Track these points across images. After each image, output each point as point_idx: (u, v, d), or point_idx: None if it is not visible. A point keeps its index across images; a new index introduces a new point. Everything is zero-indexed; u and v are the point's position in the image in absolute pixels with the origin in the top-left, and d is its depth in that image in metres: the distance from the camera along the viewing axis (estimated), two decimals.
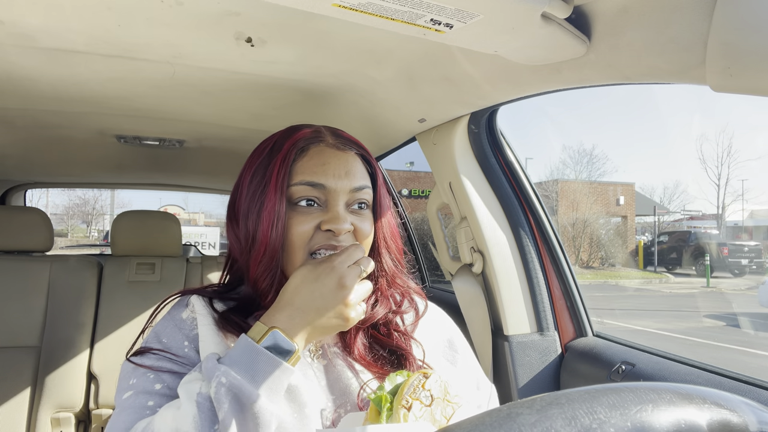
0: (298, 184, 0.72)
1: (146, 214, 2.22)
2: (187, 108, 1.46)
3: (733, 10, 0.56)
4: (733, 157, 31.37)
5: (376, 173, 0.80)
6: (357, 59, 1.10)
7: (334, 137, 0.77)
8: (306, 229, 0.71)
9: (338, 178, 0.73)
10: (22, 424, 1.75)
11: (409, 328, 0.82)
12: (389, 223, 0.82)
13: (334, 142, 0.76)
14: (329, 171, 0.73)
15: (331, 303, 0.66)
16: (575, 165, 30.18)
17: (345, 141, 0.78)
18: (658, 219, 23.00)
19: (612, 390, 0.35)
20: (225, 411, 0.57)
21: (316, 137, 0.76)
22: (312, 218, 0.72)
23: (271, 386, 0.61)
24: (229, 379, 0.59)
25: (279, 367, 0.61)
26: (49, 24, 0.91)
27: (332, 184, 0.73)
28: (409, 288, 0.85)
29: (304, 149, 0.75)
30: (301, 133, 0.76)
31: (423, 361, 0.78)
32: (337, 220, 0.71)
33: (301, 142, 0.75)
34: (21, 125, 1.62)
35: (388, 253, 0.81)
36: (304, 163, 0.73)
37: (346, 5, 0.67)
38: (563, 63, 0.84)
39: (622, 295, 13.36)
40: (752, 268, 16.11)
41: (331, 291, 0.65)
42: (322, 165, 0.73)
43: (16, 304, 1.86)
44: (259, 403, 0.59)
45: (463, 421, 0.34)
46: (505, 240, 1.40)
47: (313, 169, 0.73)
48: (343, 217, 0.72)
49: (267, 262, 0.71)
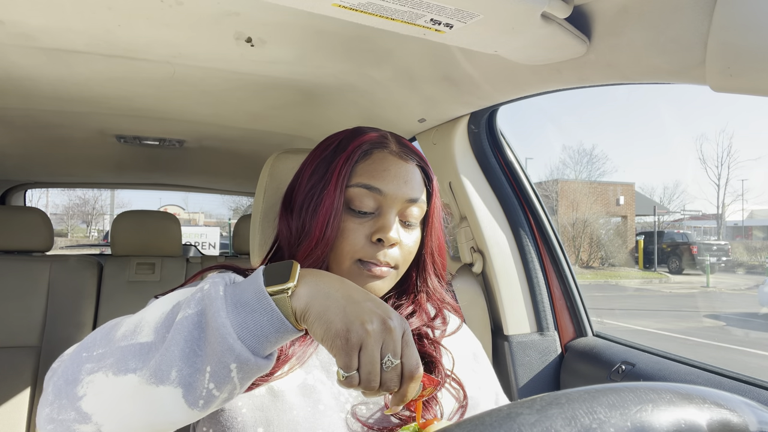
0: (357, 186, 0.72)
1: (146, 214, 2.22)
2: (187, 108, 1.46)
3: (733, 10, 0.56)
4: (733, 157, 31.48)
5: (432, 186, 0.80)
6: (357, 59, 1.10)
7: (398, 145, 0.77)
8: (356, 236, 0.71)
9: (397, 187, 0.73)
10: (22, 424, 1.75)
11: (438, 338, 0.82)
12: (438, 238, 0.81)
13: (397, 150, 0.76)
14: (389, 178, 0.73)
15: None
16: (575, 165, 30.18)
17: (408, 151, 0.77)
18: (658, 219, 23.07)
19: (612, 390, 0.35)
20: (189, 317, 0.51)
21: (380, 143, 0.76)
22: (362, 227, 0.72)
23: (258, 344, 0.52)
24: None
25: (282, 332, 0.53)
26: (49, 24, 0.91)
27: (390, 191, 0.73)
28: (446, 303, 0.84)
29: (368, 153, 0.75)
30: (368, 136, 0.76)
31: (452, 371, 0.78)
32: (387, 228, 0.71)
33: (366, 145, 0.75)
34: (21, 125, 1.62)
35: (433, 268, 0.81)
36: (366, 165, 0.74)
37: (346, 5, 0.67)
38: (563, 63, 0.84)
39: (622, 294, 13.36)
40: (720, 266, 17.45)
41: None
42: (383, 171, 0.73)
43: (16, 304, 1.86)
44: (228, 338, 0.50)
45: (464, 421, 0.34)
46: (505, 240, 1.40)
47: (374, 174, 0.73)
48: (393, 226, 0.72)
49: (316, 256, 0.71)
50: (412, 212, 0.75)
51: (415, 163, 0.77)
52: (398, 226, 0.74)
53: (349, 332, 0.51)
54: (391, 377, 0.52)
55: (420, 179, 0.77)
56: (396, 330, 0.52)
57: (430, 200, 0.79)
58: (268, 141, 1.81)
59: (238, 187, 3.21)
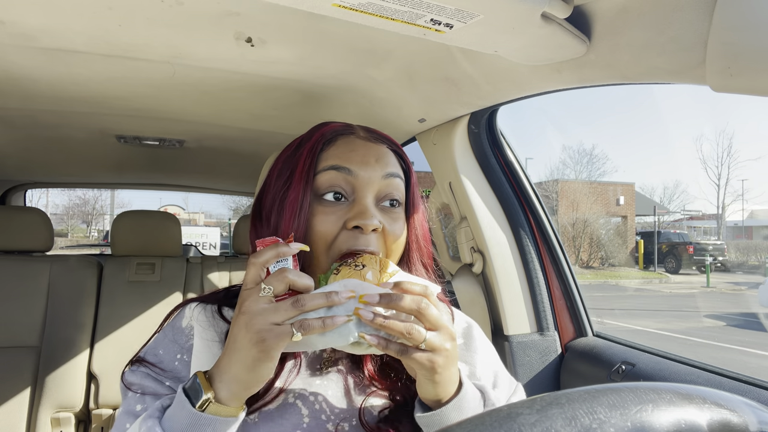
0: (324, 170, 0.67)
1: (146, 214, 2.22)
2: (187, 108, 1.46)
3: (733, 10, 0.56)
4: (733, 158, 31.49)
5: (410, 170, 0.75)
6: (357, 59, 1.10)
7: (365, 131, 0.73)
8: (329, 227, 0.66)
9: (367, 164, 0.67)
10: (22, 424, 1.75)
11: None
12: (421, 224, 0.75)
13: (365, 134, 0.72)
14: (357, 157, 0.68)
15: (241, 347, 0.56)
16: (575, 165, 30.19)
17: (377, 135, 0.73)
18: (658, 219, 23.12)
19: (612, 390, 0.35)
20: None
21: (346, 129, 0.72)
22: (337, 215, 0.66)
23: None
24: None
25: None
26: (49, 24, 0.91)
27: (361, 170, 0.67)
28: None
29: (332, 140, 0.70)
30: (331, 125, 0.73)
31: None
32: (364, 214, 0.65)
33: (329, 133, 0.71)
34: (21, 125, 1.62)
35: (419, 257, 0.74)
36: (332, 150, 0.69)
37: (346, 5, 0.67)
38: (563, 63, 0.84)
39: (622, 295, 13.37)
40: (716, 265, 17.69)
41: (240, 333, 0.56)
42: (350, 152, 0.68)
43: (16, 304, 1.86)
44: None
45: (464, 421, 0.34)
46: (505, 240, 1.40)
47: (341, 155, 0.68)
48: (371, 211, 0.66)
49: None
50: (393, 187, 0.70)
51: (387, 146, 0.73)
52: (379, 212, 0.68)
53: (258, 334, 0.54)
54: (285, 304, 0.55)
55: (394, 159, 0.72)
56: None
57: (409, 186, 0.74)
58: (268, 141, 1.81)
59: (238, 187, 3.21)
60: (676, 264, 18.12)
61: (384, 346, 0.57)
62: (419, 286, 0.59)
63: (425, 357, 0.57)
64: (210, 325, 0.71)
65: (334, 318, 0.55)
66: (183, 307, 0.76)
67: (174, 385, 0.67)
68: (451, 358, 0.60)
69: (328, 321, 0.55)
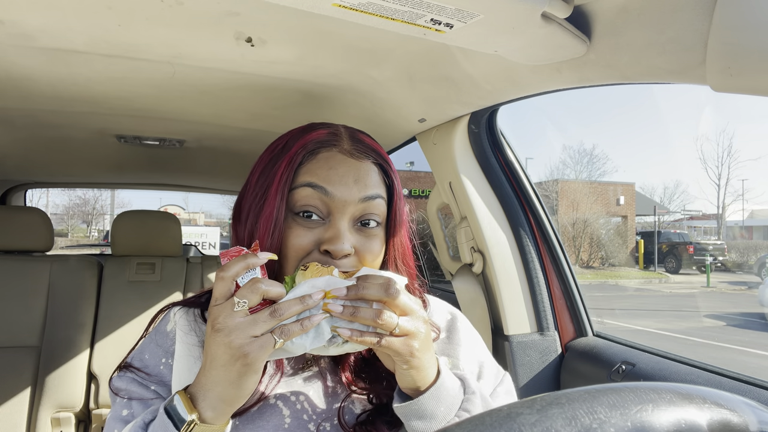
0: (300, 186, 0.66)
1: (146, 214, 2.22)
2: (187, 108, 1.45)
3: (733, 10, 0.56)
4: (734, 157, 31.48)
5: (394, 185, 0.72)
6: (357, 59, 1.10)
7: (351, 142, 0.70)
8: (302, 244, 0.65)
9: (345, 186, 0.66)
10: (22, 424, 1.75)
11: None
12: (402, 243, 0.73)
13: (349, 147, 0.69)
14: (335, 177, 0.66)
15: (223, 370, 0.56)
16: (575, 165, 30.18)
17: (362, 148, 0.70)
18: (658, 219, 23.13)
19: (612, 390, 0.35)
20: None
21: (329, 141, 0.69)
22: (311, 234, 0.65)
23: None
24: None
25: None
26: (49, 24, 0.91)
27: (338, 192, 0.65)
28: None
29: (313, 152, 0.68)
30: (315, 134, 0.69)
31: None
32: (337, 239, 0.64)
33: (311, 144, 0.68)
34: (21, 125, 1.62)
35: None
36: (310, 165, 0.67)
37: (346, 5, 0.67)
38: (563, 63, 0.84)
39: (622, 294, 13.37)
40: (717, 265, 17.77)
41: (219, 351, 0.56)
42: (329, 169, 0.66)
43: (16, 304, 1.86)
44: None
45: (463, 421, 0.34)
46: (505, 240, 1.40)
47: (318, 172, 0.66)
48: (343, 236, 0.64)
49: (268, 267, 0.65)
50: (370, 211, 0.68)
51: (371, 161, 0.70)
52: (354, 233, 0.67)
53: (240, 349, 0.54)
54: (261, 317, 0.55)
55: (377, 177, 0.70)
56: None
57: (391, 203, 0.72)
58: (268, 141, 1.78)
59: (239, 187, 3.17)
60: (677, 264, 18.19)
61: (359, 337, 0.57)
62: (383, 277, 0.59)
63: (400, 341, 0.58)
64: (191, 329, 0.71)
65: (311, 318, 0.56)
66: (168, 311, 0.76)
67: (159, 389, 0.68)
68: (427, 342, 0.61)
69: (306, 322, 0.56)
